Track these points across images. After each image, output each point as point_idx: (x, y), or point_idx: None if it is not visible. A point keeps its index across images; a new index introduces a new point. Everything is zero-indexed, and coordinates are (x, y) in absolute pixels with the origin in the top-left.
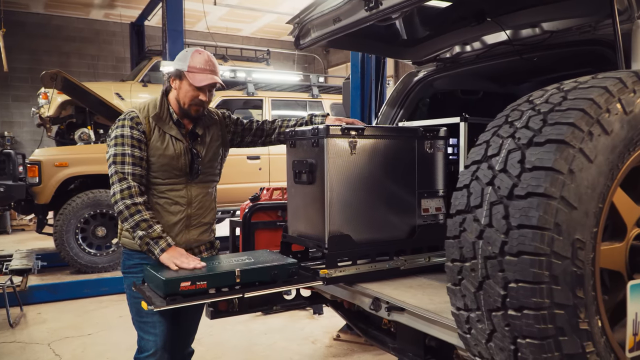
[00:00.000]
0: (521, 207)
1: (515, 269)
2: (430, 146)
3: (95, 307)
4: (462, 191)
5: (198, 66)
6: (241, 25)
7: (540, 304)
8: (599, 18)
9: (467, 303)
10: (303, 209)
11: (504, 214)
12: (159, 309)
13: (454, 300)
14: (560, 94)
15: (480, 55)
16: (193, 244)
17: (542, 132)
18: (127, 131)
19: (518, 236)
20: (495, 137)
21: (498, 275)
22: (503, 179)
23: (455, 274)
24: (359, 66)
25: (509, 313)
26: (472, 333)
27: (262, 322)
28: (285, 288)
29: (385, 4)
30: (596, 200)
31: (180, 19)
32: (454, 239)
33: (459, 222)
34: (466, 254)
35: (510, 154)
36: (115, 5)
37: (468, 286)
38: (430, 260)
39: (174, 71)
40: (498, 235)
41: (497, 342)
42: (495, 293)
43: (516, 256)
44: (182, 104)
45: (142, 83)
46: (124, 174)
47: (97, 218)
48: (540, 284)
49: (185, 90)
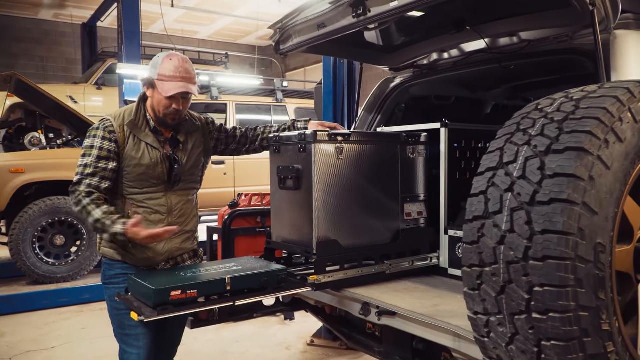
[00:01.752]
0: (545, 213)
1: (541, 273)
2: (412, 151)
3: (56, 319)
4: (478, 197)
5: (167, 74)
6: (198, 27)
7: (566, 307)
8: (575, 28)
9: (487, 307)
10: (288, 215)
11: (526, 220)
12: (150, 319)
13: (471, 305)
14: (571, 102)
15: (457, 62)
16: (176, 253)
17: (560, 140)
18: (97, 142)
19: (543, 241)
20: (509, 144)
21: (522, 279)
22: (523, 185)
23: (474, 278)
24: (331, 71)
25: (534, 316)
26: (491, 337)
27: (232, 329)
28: (275, 295)
29: (374, 11)
30: (613, 205)
31: (137, 20)
32: (471, 244)
33: (477, 228)
34: (486, 259)
35: (529, 161)
36: (65, 6)
37: (488, 290)
38: (413, 264)
39: (146, 79)
40: (521, 241)
41: (519, 345)
42: (518, 297)
43: (541, 261)
44: (157, 112)
45: (96, 86)
46: (79, 184)
47: (55, 226)
48: (566, 288)
49: (158, 99)
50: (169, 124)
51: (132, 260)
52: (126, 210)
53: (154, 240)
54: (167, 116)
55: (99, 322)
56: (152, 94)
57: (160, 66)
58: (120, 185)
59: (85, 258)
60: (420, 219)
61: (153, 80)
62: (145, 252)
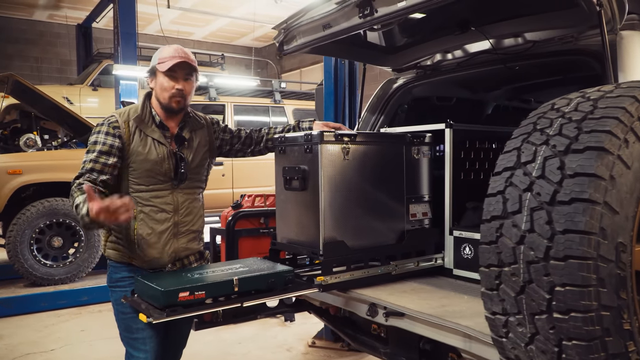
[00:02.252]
0: (566, 213)
1: (563, 272)
2: (417, 152)
3: (55, 322)
4: (496, 197)
5: (166, 55)
6: (193, 29)
7: (588, 307)
8: (581, 29)
9: (505, 307)
10: (294, 216)
11: (547, 220)
12: (158, 321)
13: (489, 305)
14: (588, 102)
15: (461, 63)
16: (182, 253)
17: (579, 140)
18: (100, 137)
19: (564, 241)
20: (527, 144)
21: (543, 279)
22: (543, 185)
23: (493, 278)
24: (332, 72)
25: (555, 316)
26: (510, 337)
27: (232, 331)
28: (282, 296)
29: (381, 11)
30: (634, 204)
31: (133, 21)
32: (489, 244)
33: (496, 228)
34: (505, 259)
35: (547, 160)
36: (60, 7)
37: (507, 291)
38: (419, 264)
39: (149, 70)
40: (542, 240)
41: (538, 344)
42: (539, 297)
43: (563, 260)
44: (161, 100)
45: (91, 87)
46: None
47: (53, 228)
48: (588, 287)
49: (160, 83)
50: (175, 109)
51: (139, 263)
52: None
53: (111, 215)
54: (172, 99)
55: (98, 325)
56: (155, 82)
57: (159, 54)
58: (126, 182)
59: (83, 260)
60: (424, 219)
61: (154, 67)
62: (151, 252)
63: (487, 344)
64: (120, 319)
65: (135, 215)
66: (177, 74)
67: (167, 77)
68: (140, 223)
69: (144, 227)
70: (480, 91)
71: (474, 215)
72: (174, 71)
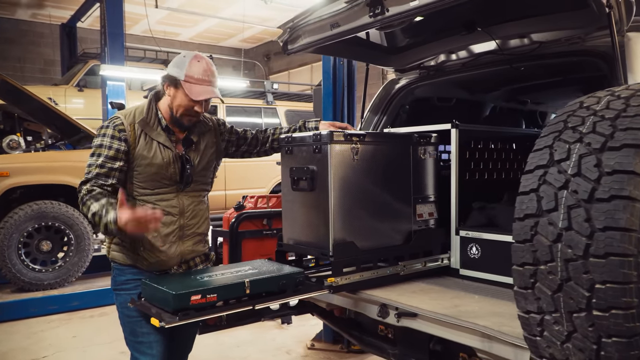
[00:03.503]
0: (606, 210)
1: (603, 270)
2: (424, 152)
3: (45, 328)
4: (529, 195)
5: (196, 76)
6: (180, 29)
7: (629, 304)
8: (588, 30)
9: (541, 306)
10: (302, 217)
11: (585, 217)
12: (171, 325)
13: (523, 303)
14: (619, 100)
15: (465, 64)
16: (188, 255)
17: (615, 137)
18: (106, 141)
19: (605, 238)
20: (559, 142)
21: (582, 277)
22: (580, 182)
23: (527, 277)
24: (331, 73)
25: (594, 314)
26: (545, 335)
27: (230, 334)
28: (294, 298)
29: (392, 10)
30: None
31: (121, 21)
32: (524, 242)
33: (530, 226)
34: (541, 257)
35: (583, 158)
36: (44, 5)
37: (544, 289)
38: (426, 265)
39: (170, 77)
40: (580, 238)
41: (576, 342)
42: (578, 295)
43: (603, 258)
44: (174, 112)
45: (77, 88)
46: (85, 183)
47: (41, 231)
48: (629, 284)
49: (180, 99)
50: (185, 125)
51: (144, 265)
52: None
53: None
54: (184, 117)
55: (90, 330)
56: (173, 93)
57: (187, 67)
58: (131, 186)
59: (73, 264)
60: (430, 219)
61: (179, 80)
62: (157, 255)
63: (507, 343)
64: (126, 323)
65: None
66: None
67: (190, 99)
68: None
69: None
70: (480, 92)
71: (480, 215)
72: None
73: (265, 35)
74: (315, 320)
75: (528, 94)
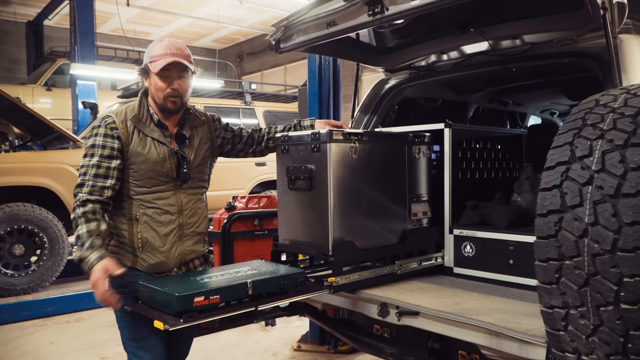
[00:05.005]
0: (633, 205)
1: (632, 264)
2: (417, 151)
3: (19, 334)
4: (551, 191)
5: (158, 53)
6: (151, 29)
7: None
8: (581, 32)
9: (567, 300)
10: (299, 216)
11: (612, 212)
12: (175, 327)
13: (547, 299)
14: (637, 98)
15: (457, 64)
16: (188, 256)
17: (638, 134)
18: (99, 140)
19: (633, 232)
20: (580, 138)
21: (610, 271)
22: (605, 178)
23: (552, 272)
24: (317, 73)
25: (622, 307)
26: (569, 329)
27: (214, 337)
28: (295, 298)
29: (392, 9)
30: None
31: (92, 19)
32: (547, 238)
33: (554, 222)
34: (567, 252)
35: (607, 154)
36: (9, 2)
37: (569, 284)
38: (421, 264)
39: (142, 69)
40: (608, 233)
41: (602, 336)
42: (606, 289)
43: (632, 252)
44: (157, 100)
45: (45, 87)
46: (81, 186)
47: (13, 235)
48: None
49: (154, 83)
50: (171, 109)
51: (144, 267)
52: (134, 212)
53: (98, 291)
54: (167, 100)
55: (67, 336)
56: (149, 81)
57: (151, 50)
58: (127, 185)
59: (46, 268)
60: (424, 218)
61: (146, 66)
62: (157, 257)
63: (513, 339)
64: (124, 327)
65: (137, 218)
66: (171, 72)
67: (160, 77)
68: (143, 226)
69: (148, 231)
70: (466, 93)
71: (474, 214)
72: (167, 70)
73: (238, 36)
74: (299, 321)
75: (511, 95)
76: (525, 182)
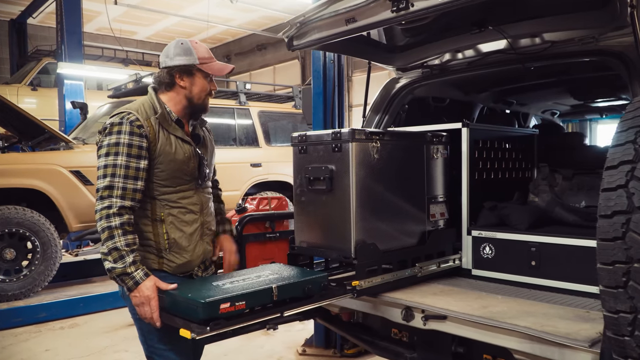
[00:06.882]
0: None
1: None
2: (436, 151)
3: (13, 341)
4: (616, 192)
5: (207, 55)
6: (137, 28)
7: None
8: (603, 30)
9: (635, 305)
10: (318, 218)
11: None
12: (202, 336)
13: (612, 303)
14: None
15: (472, 62)
16: (207, 255)
17: None
18: (124, 138)
19: None
20: None
21: None
22: None
23: (619, 276)
24: (321, 72)
25: None
26: (636, 335)
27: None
28: (320, 303)
29: (418, 5)
30: None
31: (79, 18)
32: (614, 240)
33: (621, 224)
34: (636, 254)
35: None
36: None
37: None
38: (440, 266)
39: (181, 67)
40: None
41: None
42: None
43: None
44: (196, 100)
45: (30, 86)
46: (111, 188)
47: (4, 239)
48: None
49: (201, 84)
50: (207, 108)
51: (170, 268)
52: (158, 213)
53: (144, 309)
54: (206, 100)
55: (63, 343)
56: (190, 81)
57: (196, 52)
58: (151, 185)
59: (39, 273)
60: (440, 220)
61: (193, 66)
62: (184, 256)
63: (554, 343)
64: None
65: (162, 218)
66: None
67: (208, 78)
68: (169, 227)
69: (175, 231)
70: (473, 92)
71: (491, 215)
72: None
73: (226, 36)
74: (301, 325)
75: (516, 95)
76: (542, 182)
